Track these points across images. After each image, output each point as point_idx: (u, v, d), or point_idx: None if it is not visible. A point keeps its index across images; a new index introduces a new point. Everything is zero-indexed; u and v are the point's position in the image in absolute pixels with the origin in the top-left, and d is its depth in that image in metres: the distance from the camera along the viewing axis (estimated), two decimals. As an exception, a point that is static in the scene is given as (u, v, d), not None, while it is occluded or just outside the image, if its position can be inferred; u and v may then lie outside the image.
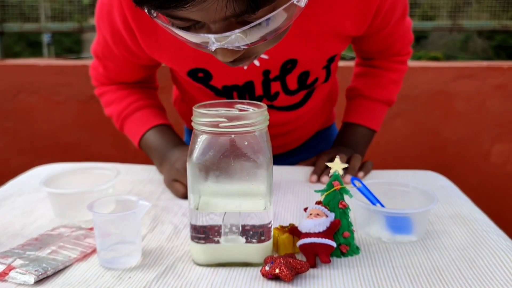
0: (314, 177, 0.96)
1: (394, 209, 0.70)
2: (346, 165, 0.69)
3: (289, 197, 0.88)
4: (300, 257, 0.66)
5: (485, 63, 2.00)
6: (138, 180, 0.97)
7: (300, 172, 1.01)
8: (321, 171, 0.97)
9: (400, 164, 1.93)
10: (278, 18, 0.59)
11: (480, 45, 5.55)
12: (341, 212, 0.68)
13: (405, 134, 2.02)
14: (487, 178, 2.01)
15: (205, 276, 0.62)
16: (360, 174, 0.97)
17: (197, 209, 0.64)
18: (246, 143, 0.62)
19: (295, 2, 0.59)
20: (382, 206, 0.75)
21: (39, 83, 2.04)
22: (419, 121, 2.01)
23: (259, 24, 0.58)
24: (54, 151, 2.09)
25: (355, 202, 0.74)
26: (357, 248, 0.69)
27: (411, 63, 2.18)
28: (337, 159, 0.69)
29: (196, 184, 0.64)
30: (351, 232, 0.69)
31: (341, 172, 0.69)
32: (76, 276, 0.62)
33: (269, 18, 0.58)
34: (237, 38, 0.60)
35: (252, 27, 0.58)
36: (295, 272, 0.61)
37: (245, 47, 0.63)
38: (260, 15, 0.57)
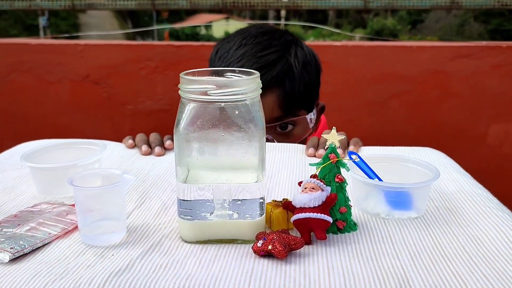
0: (311, 150, 0.91)
1: (393, 183, 0.66)
2: (343, 136, 0.64)
3: (283, 173, 0.83)
4: (294, 233, 0.62)
5: (483, 43, 1.94)
6: (127, 156, 0.92)
7: (295, 148, 0.96)
8: (317, 145, 0.93)
9: (395, 145, 1.88)
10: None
11: (476, 29, 5.48)
12: (338, 186, 0.63)
13: (400, 115, 1.97)
14: (484, 160, 1.97)
15: (193, 253, 0.58)
16: (351, 147, 0.92)
17: (185, 182, 0.59)
18: (237, 112, 0.57)
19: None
20: (380, 180, 0.70)
21: (31, 63, 1.97)
22: (415, 102, 1.96)
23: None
24: (48, 132, 2.03)
25: (351, 176, 0.69)
26: (355, 224, 0.65)
27: (408, 43, 2.12)
28: (333, 130, 0.64)
29: (184, 156, 0.59)
30: (348, 207, 0.64)
31: (337, 144, 0.64)
32: (55, 254, 0.57)
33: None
34: None
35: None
36: (289, 249, 0.56)
37: None
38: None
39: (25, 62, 1.97)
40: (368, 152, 0.94)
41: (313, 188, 0.60)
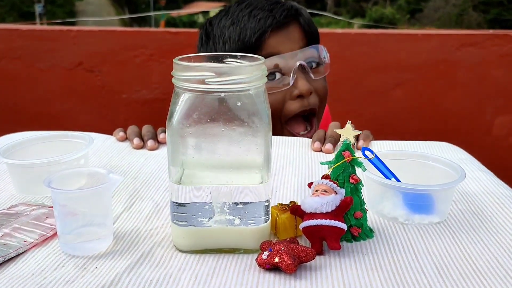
0: (317, 144, 0.83)
1: (413, 185, 0.58)
2: (359, 132, 0.56)
3: (288, 170, 0.75)
4: (303, 241, 0.54)
5: (490, 31, 1.86)
6: (118, 150, 0.84)
7: (300, 143, 0.88)
8: (323, 139, 0.85)
9: (398, 137, 1.81)
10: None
11: (475, 19, 5.37)
12: (352, 188, 0.55)
13: (404, 105, 1.89)
14: (489, 151, 1.89)
15: (188, 265, 0.50)
16: (360, 142, 0.84)
17: (179, 183, 0.51)
18: (239, 104, 0.49)
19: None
20: (398, 181, 0.62)
21: (21, 49, 1.88)
22: (419, 92, 1.88)
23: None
24: (39, 121, 1.94)
25: (365, 176, 0.61)
26: (371, 231, 0.57)
27: (413, 31, 2.03)
28: (348, 125, 0.56)
29: (178, 154, 0.51)
30: (364, 211, 0.56)
31: (352, 141, 0.56)
32: (30, 266, 0.50)
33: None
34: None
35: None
36: (299, 262, 0.48)
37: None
38: None
39: (16, 49, 1.88)
40: (378, 147, 0.86)
41: (325, 191, 0.52)
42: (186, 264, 0.50)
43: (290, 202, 0.57)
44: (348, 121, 0.56)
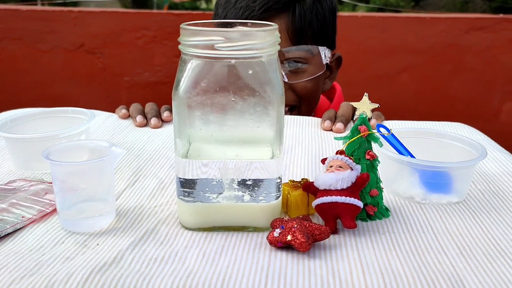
0: (328, 123, 0.79)
1: (431, 162, 0.55)
2: (376, 105, 0.53)
3: (297, 150, 0.72)
4: (316, 220, 0.51)
5: (500, 15, 1.81)
6: (120, 128, 0.81)
7: (309, 122, 0.84)
8: (334, 118, 0.81)
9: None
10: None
11: (480, 7, 5.30)
12: (368, 165, 0.52)
13: (411, 90, 1.85)
14: (496, 138, 1.85)
15: (195, 243, 0.47)
16: (372, 121, 0.81)
17: (186, 157, 0.48)
18: (250, 72, 0.45)
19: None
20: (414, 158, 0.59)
21: (22, 30, 1.84)
22: (426, 76, 1.84)
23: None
24: (39, 103, 1.89)
25: (379, 153, 0.58)
26: (386, 210, 0.54)
27: (421, 14, 1.99)
28: (365, 98, 0.52)
29: (184, 126, 0.47)
30: (380, 189, 0.53)
31: (369, 114, 0.52)
32: (28, 242, 0.47)
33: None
34: None
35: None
36: (312, 240, 0.45)
37: None
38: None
39: (16, 30, 1.84)
40: (391, 127, 0.82)
41: (340, 167, 0.49)
42: (192, 242, 0.47)
43: (301, 179, 0.54)
44: (365, 93, 0.52)
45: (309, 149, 0.72)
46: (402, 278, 0.41)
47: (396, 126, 0.83)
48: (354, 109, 0.86)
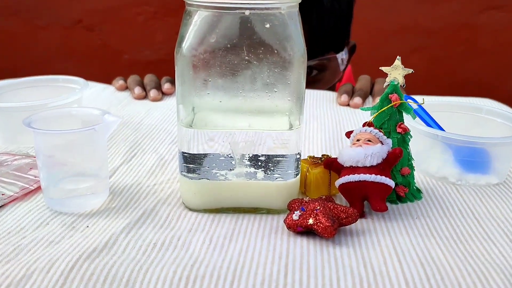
0: (344, 97, 0.72)
1: (467, 136, 0.48)
2: (410, 70, 0.46)
3: (313, 125, 0.65)
4: (339, 201, 0.44)
5: (517, -7, 1.72)
6: (117, 100, 0.73)
7: (324, 96, 0.77)
8: (351, 92, 0.74)
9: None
10: None
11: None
12: (399, 139, 0.45)
13: (421, 71, 1.76)
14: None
15: (200, 227, 0.40)
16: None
17: (190, 127, 0.41)
18: (267, 26, 0.38)
19: None
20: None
21: (18, 5, 1.76)
22: (438, 58, 1.76)
23: None
24: (36, 82, 1.83)
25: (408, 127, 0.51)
26: (418, 191, 0.47)
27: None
28: (397, 62, 0.45)
29: (189, 89, 0.40)
30: (412, 167, 0.46)
31: (401, 81, 0.45)
32: (8, 223, 0.40)
33: None
34: None
35: None
36: (338, 224, 0.39)
37: None
38: None
39: (12, 5, 1.76)
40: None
41: (369, 140, 0.42)
42: (198, 225, 0.40)
43: (322, 155, 0.47)
44: (398, 56, 0.45)
45: (325, 125, 0.65)
46: (446, 269, 0.35)
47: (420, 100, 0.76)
48: (373, 83, 0.79)
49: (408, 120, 0.47)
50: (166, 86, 0.75)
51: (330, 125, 0.65)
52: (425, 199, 0.46)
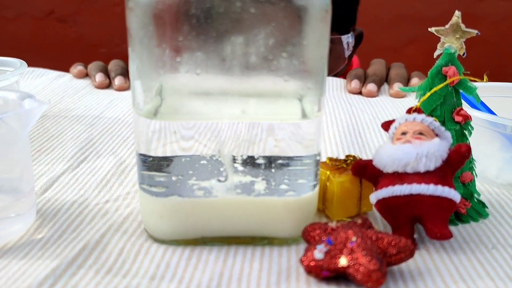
0: (356, 83, 0.58)
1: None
2: (475, 32, 0.32)
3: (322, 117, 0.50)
4: (373, 222, 0.30)
5: (518, -20, 1.63)
6: (73, 90, 0.58)
7: (331, 83, 0.63)
8: (363, 78, 0.60)
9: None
10: None
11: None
12: (458, 131, 0.31)
13: (418, 63, 1.65)
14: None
15: (170, 270, 0.25)
16: (415, 80, 0.61)
17: (154, 116, 0.26)
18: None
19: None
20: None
21: (-17, -5, 1.63)
22: (435, 49, 1.65)
23: None
24: (5, 78, 1.69)
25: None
26: (482, 205, 0.33)
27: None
28: (455, 18, 0.31)
29: (150, 58, 0.25)
30: (474, 172, 0.32)
31: (461, 49, 0.31)
32: None
33: None
34: None
35: None
36: (386, 263, 0.24)
37: None
38: None
39: (-25, -6, 1.63)
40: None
41: (421, 133, 0.28)
42: (166, 267, 0.26)
43: (346, 156, 0.33)
44: (457, 11, 0.31)
45: (336, 117, 0.50)
46: None
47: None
48: (389, 68, 0.65)
49: (476, 103, 0.33)
50: None
51: (343, 118, 0.50)
52: (492, 216, 0.32)
